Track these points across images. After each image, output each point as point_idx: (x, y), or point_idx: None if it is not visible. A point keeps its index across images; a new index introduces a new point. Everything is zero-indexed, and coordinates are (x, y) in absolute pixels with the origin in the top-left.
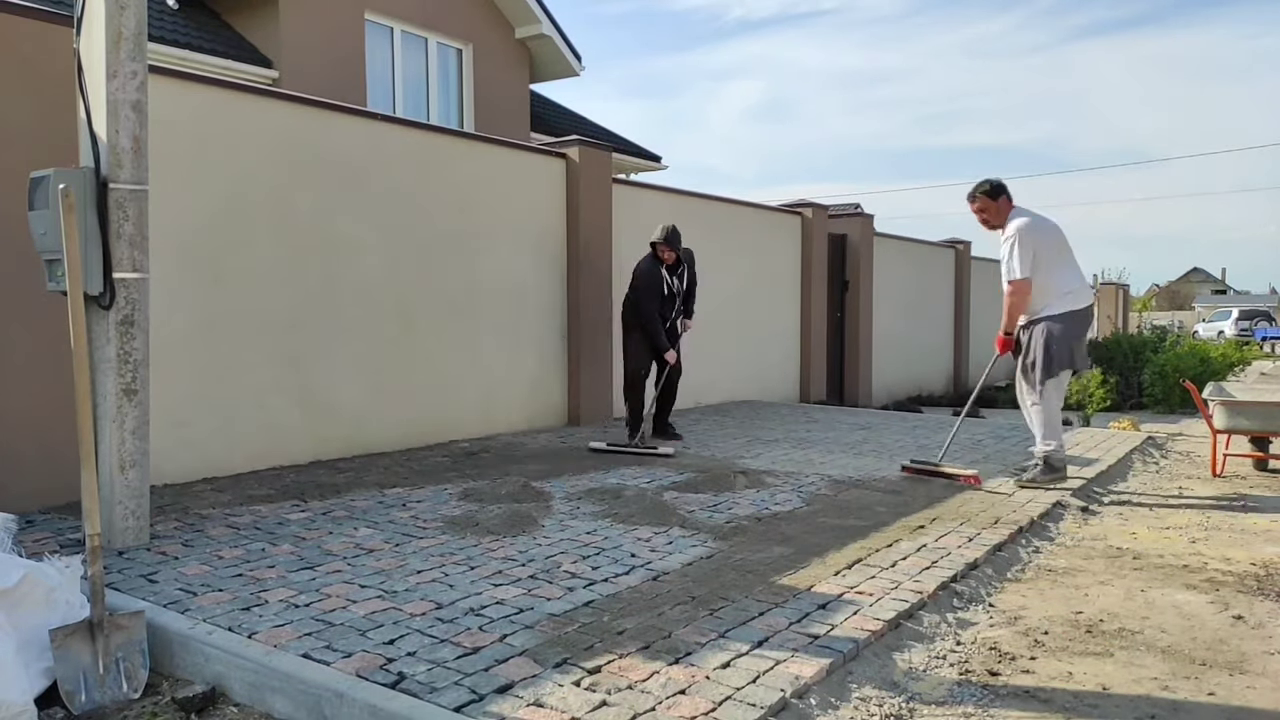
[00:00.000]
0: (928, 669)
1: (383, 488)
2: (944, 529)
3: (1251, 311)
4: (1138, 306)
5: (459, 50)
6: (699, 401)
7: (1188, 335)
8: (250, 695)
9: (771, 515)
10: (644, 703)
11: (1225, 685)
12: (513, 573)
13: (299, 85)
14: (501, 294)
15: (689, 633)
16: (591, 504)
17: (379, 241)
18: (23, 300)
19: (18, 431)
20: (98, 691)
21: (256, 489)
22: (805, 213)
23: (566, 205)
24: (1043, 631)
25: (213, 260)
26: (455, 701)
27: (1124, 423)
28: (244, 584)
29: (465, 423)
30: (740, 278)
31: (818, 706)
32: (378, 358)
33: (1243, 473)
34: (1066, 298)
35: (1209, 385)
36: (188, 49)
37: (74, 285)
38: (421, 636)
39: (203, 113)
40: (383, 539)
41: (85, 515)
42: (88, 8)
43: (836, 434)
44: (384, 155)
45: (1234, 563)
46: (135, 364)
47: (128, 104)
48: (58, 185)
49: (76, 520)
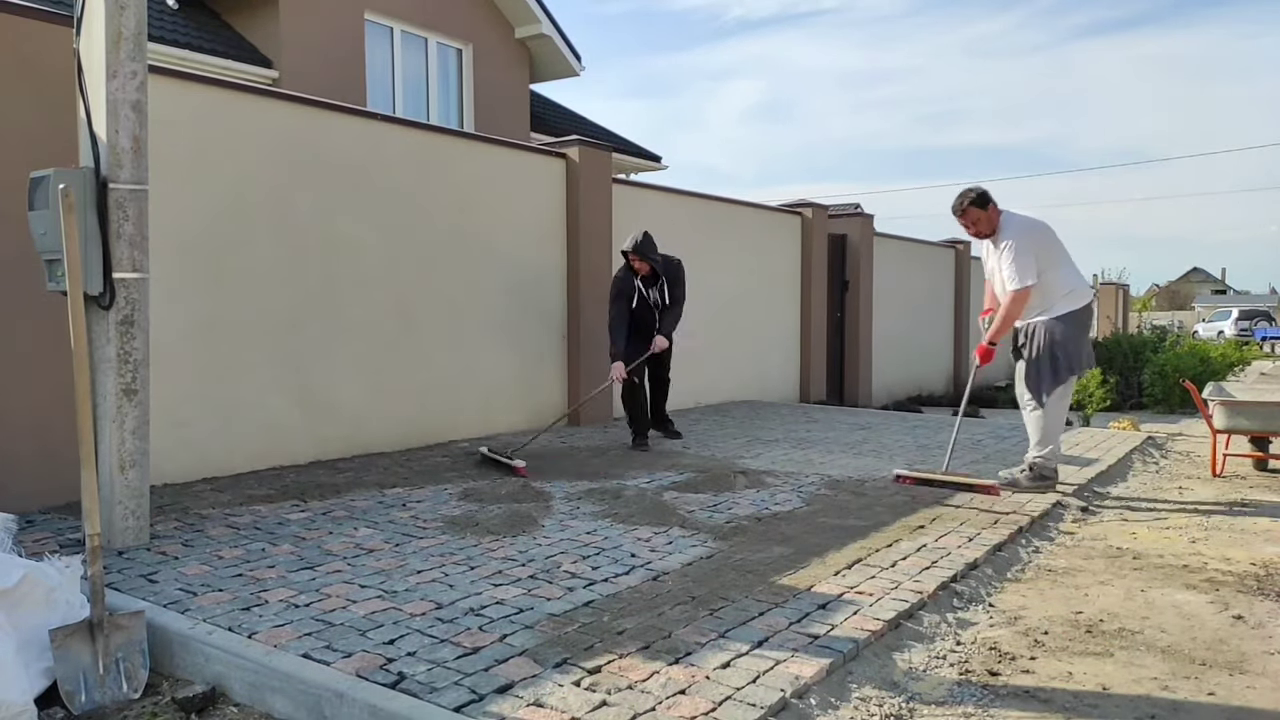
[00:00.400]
0: (928, 669)
1: (383, 488)
2: (944, 529)
3: (1251, 311)
4: (1138, 306)
5: (459, 50)
6: (699, 401)
7: (1187, 335)
8: (250, 695)
9: (771, 515)
10: (644, 703)
11: (1225, 685)
12: (513, 573)
13: (299, 85)
14: (501, 294)
15: (689, 633)
16: (591, 504)
17: (379, 241)
18: (23, 300)
19: (18, 431)
20: (98, 691)
21: (256, 489)
22: (805, 213)
23: (566, 205)
24: (1043, 631)
25: (213, 260)
26: (455, 701)
27: (1124, 423)
28: (244, 584)
29: (465, 423)
30: (740, 278)
31: (818, 706)
32: (378, 358)
33: (1243, 473)
34: (1068, 297)
35: (1209, 385)
36: (188, 49)
37: (74, 285)
38: (421, 636)
39: (203, 113)
40: (383, 539)
41: (85, 515)
42: (88, 8)
43: (836, 434)
44: (384, 155)
45: (1234, 563)
46: (135, 364)
47: (128, 104)
48: (58, 185)
49: (76, 520)
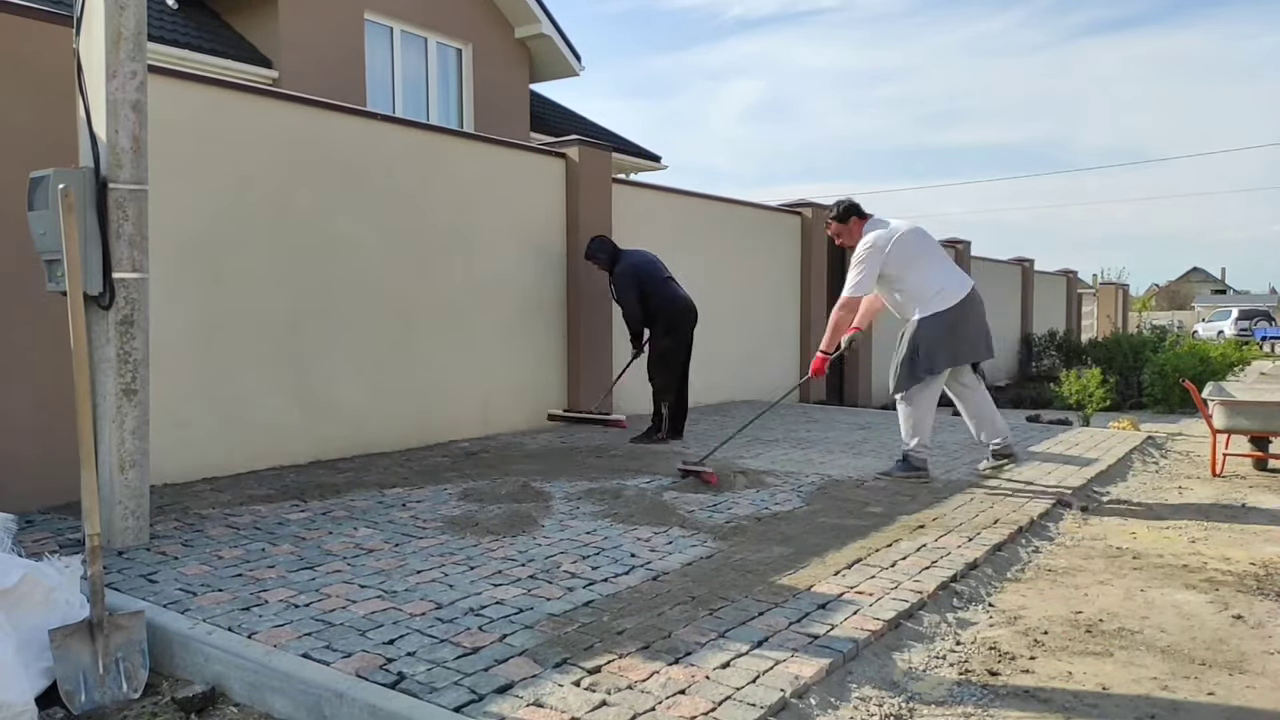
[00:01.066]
0: (927, 669)
1: (383, 488)
2: (944, 529)
3: (1251, 311)
4: (1137, 306)
5: (459, 50)
6: (699, 401)
7: (1187, 335)
8: (250, 695)
9: (771, 515)
10: (644, 703)
11: (1225, 685)
12: (512, 573)
13: (299, 85)
14: (502, 294)
15: (689, 633)
16: (591, 504)
17: (379, 241)
18: (22, 300)
19: (18, 431)
20: (97, 691)
21: (256, 489)
22: (805, 213)
23: (566, 205)
24: (1042, 631)
25: (213, 260)
26: (455, 701)
27: (1123, 422)
28: (244, 584)
29: (465, 423)
30: (740, 277)
31: (817, 706)
32: (378, 358)
33: (1243, 473)
34: (936, 298)
35: (1209, 385)
36: (188, 49)
37: (74, 285)
38: (421, 636)
39: (203, 113)
40: (383, 539)
41: (85, 515)
42: (87, 7)
43: (836, 434)
44: (384, 155)
45: (1234, 562)
46: (135, 364)
47: (127, 104)
48: (57, 185)
49: (76, 520)
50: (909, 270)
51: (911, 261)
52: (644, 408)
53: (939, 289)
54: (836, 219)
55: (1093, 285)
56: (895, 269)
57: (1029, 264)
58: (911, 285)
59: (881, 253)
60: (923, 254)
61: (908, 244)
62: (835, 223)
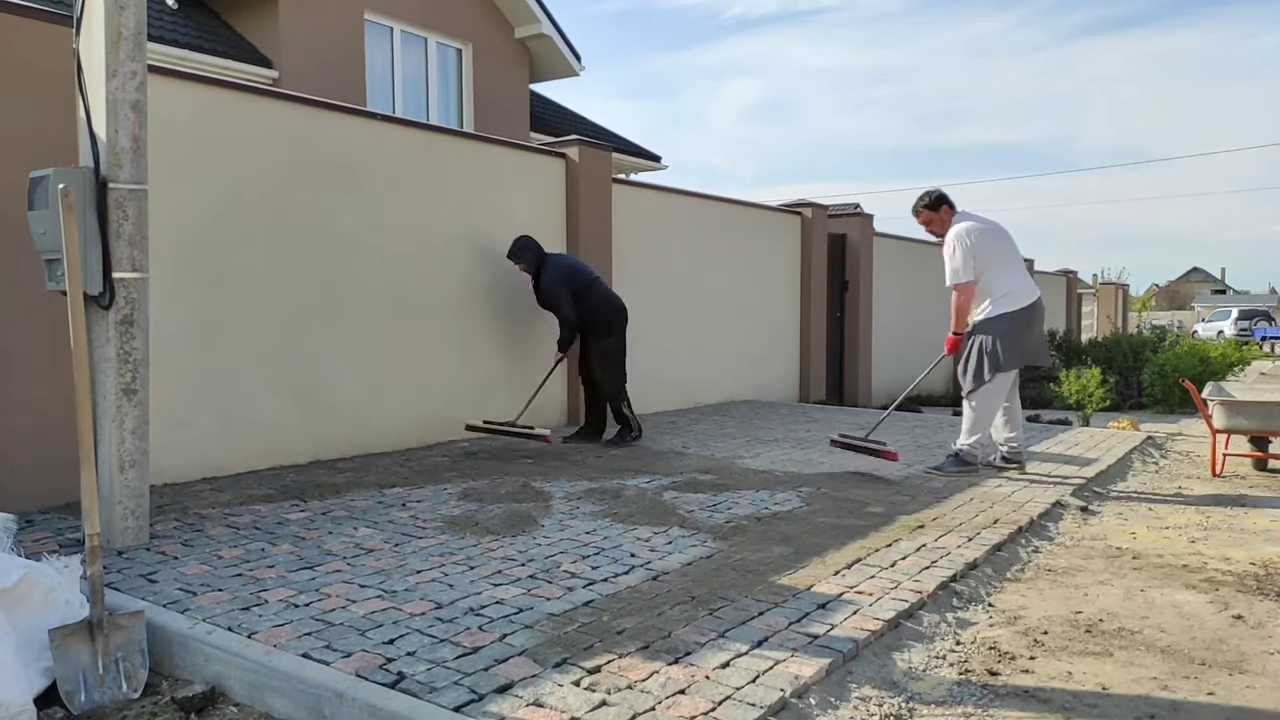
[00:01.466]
0: (927, 669)
1: (382, 487)
2: (943, 529)
3: (1251, 311)
4: (1137, 306)
5: (458, 50)
6: (698, 401)
7: (1187, 335)
8: (250, 695)
9: (771, 515)
10: (644, 702)
11: (1225, 685)
12: (512, 572)
13: (299, 85)
14: (502, 293)
15: (689, 632)
16: (591, 504)
17: (379, 241)
18: (22, 300)
19: (18, 431)
20: (97, 691)
21: (256, 489)
22: (805, 213)
23: (566, 205)
24: (1042, 631)
25: (213, 260)
26: (455, 701)
27: (1123, 422)
28: (244, 584)
29: (465, 422)
30: (740, 277)
31: (817, 706)
32: (378, 357)
33: (1242, 473)
34: (1004, 299)
35: (1208, 385)
36: (188, 49)
37: (74, 285)
38: (421, 636)
39: (203, 113)
40: (382, 539)
41: (85, 515)
42: (87, 8)
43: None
44: (384, 155)
45: (1233, 562)
46: (135, 364)
47: (127, 104)
48: (57, 185)
49: (76, 520)
50: (989, 266)
51: (992, 258)
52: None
53: (1009, 290)
54: (928, 207)
55: (1093, 285)
56: (982, 261)
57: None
58: (987, 280)
59: (970, 240)
60: (1006, 252)
61: (993, 239)
62: (926, 210)
